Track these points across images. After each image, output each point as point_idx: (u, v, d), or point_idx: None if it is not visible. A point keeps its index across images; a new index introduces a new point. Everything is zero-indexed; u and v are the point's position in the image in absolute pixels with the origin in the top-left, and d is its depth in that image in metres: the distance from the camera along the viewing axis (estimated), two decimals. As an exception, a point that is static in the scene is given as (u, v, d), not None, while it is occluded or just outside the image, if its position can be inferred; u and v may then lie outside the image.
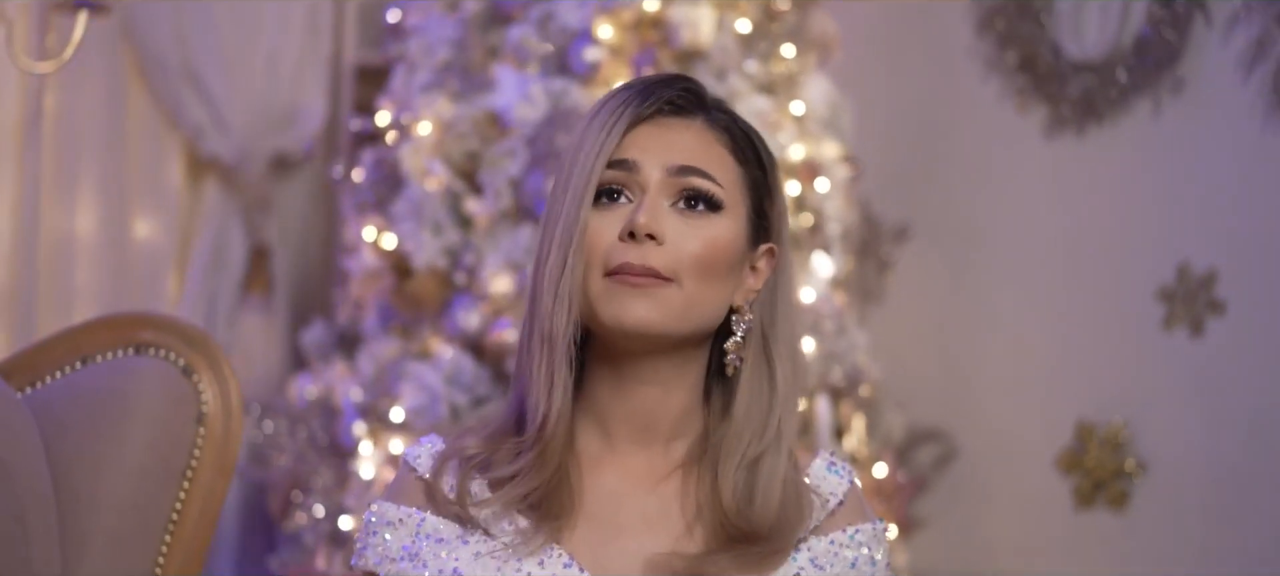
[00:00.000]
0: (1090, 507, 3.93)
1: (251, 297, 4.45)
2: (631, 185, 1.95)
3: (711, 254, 1.94)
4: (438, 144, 3.73)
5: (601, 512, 1.98)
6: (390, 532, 2.01)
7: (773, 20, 3.81)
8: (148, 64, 4.22)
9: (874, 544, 2.02)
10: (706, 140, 1.98)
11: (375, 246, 3.85)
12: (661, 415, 2.00)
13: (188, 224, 4.39)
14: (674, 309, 1.92)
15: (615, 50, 3.64)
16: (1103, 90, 3.94)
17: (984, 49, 4.13)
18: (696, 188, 1.95)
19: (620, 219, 1.93)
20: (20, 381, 2.67)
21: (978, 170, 4.16)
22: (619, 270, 1.91)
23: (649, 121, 1.97)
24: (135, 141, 4.25)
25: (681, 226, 1.93)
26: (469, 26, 3.81)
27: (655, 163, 1.95)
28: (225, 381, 2.69)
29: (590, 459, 2.00)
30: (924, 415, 4.14)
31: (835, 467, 2.05)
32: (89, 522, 2.56)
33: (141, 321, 2.72)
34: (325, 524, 3.78)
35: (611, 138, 1.94)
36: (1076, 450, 3.95)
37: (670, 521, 1.98)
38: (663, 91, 1.99)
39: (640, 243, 1.91)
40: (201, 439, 2.66)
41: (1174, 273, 3.84)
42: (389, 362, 3.73)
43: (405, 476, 2.05)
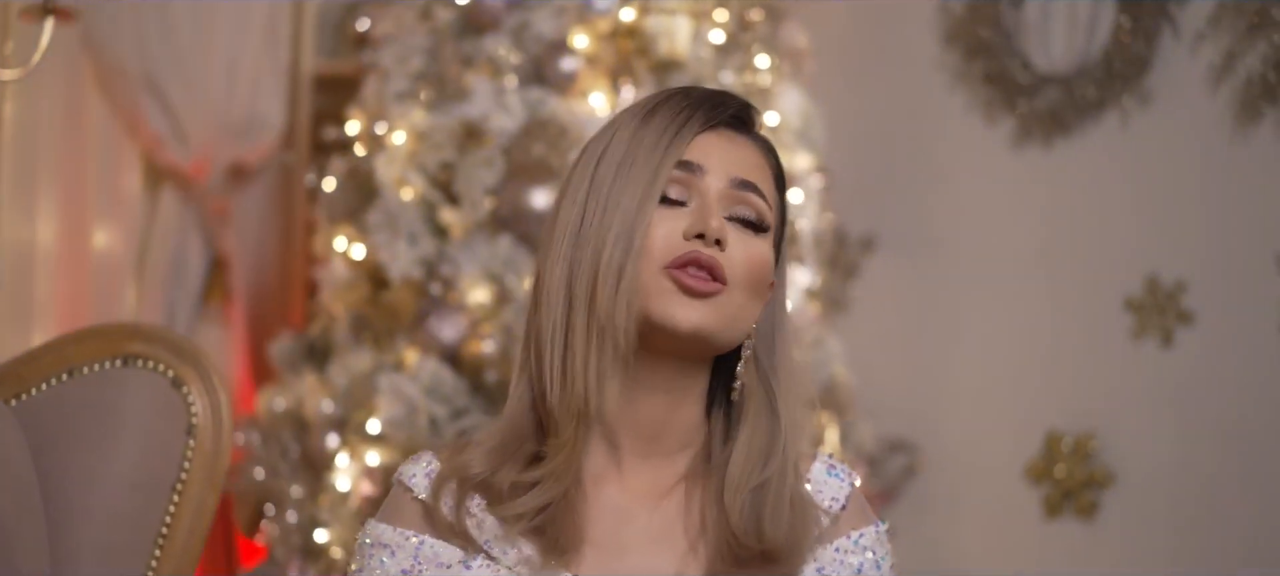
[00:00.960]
0: (1059, 517, 3.95)
1: (211, 308, 4.41)
2: (692, 189, 1.93)
3: (759, 271, 1.93)
4: (413, 154, 3.70)
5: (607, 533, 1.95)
6: (387, 555, 1.96)
7: (746, 30, 3.80)
8: (107, 73, 4.18)
9: (878, 547, 2.00)
10: (760, 161, 1.98)
11: (345, 257, 3.81)
12: (668, 426, 1.97)
13: (146, 234, 4.35)
14: (725, 316, 1.90)
15: (592, 60, 3.62)
16: (1070, 102, 3.97)
17: (951, 60, 4.15)
18: (753, 205, 1.94)
19: (678, 218, 1.91)
20: (6, 392, 2.63)
21: (944, 181, 4.17)
22: (686, 262, 1.88)
23: (713, 130, 1.96)
24: (94, 151, 4.21)
25: (736, 239, 1.92)
26: (442, 36, 3.78)
27: (721, 172, 1.93)
28: (215, 393, 2.66)
29: (594, 476, 1.97)
30: (891, 425, 4.15)
31: (835, 471, 2.02)
32: (79, 535, 2.53)
33: (130, 332, 2.68)
34: (297, 536, 3.74)
35: (682, 137, 1.93)
36: (1045, 460, 3.97)
37: (674, 540, 1.96)
38: (729, 103, 1.98)
39: (710, 245, 1.89)
40: (191, 451, 2.63)
41: (1142, 283, 3.86)
42: (362, 375, 3.70)
43: (400, 497, 2.00)
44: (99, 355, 2.65)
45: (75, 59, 4.11)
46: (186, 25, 4.26)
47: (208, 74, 4.32)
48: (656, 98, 1.99)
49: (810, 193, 3.88)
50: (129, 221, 4.29)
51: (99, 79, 4.19)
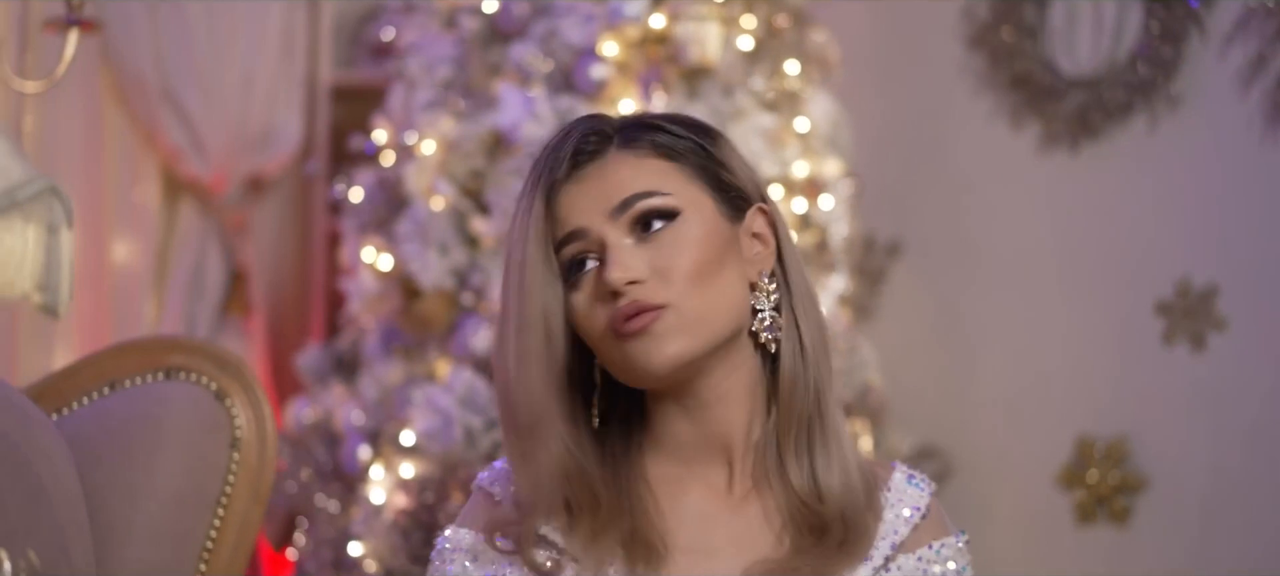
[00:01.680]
0: (1092, 523, 3.93)
1: (231, 320, 4.38)
2: (590, 246, 1.90)
3: (696, 256, 1.89)
4: (442, 163, 3.67)
5: (693, 539, 1.94)
6: (469, 560, 1.96)
7: (774, 37, 3.78)
8: (126, 85, 4.16)
9: (959, 558, 2.00)
10: (629, 163, 1.92)
11: (372, 268, 3.78)
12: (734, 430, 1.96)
13: (165, 246, 4.32)
14: (685, 330, 1.88)
15: (622, 67, 3.60)
16: (1097, 106, 3.94)
17: (976, 65, 4.13)
18: (646, 209, 1.89)
19: (594, 281, 1.89)
20: (47, 407, 2.60)
21: (971, 186, 4.15)
22: (612, 324, 1.87)
23: (569, 181, 1.91)
24: (112, 163, 4.19)
25: (653, 252, 1.88)
26: (469, 45, 3.75)
27: (596, 213, 1.89)
28: (259, 406, 2.63)
29: (669, 483, 1.96)
30: (920, 431, 4.12)
31: (914, 480, 2.01)
32: (124, 552, 2.50)
33: (171, 345, 2.65)
34: (328, 549, 3.71)
35: (536, 215, 1.90)
36: (1077, 466, 3.95)
37: (761, 537, 1.95)
38: (564, 147, 1.93)
39: (623, 293, 1.86)
40: (236, 465, 2.60)
41: (1173, 287, 3.84)
42: (394, 386, 3.67)
43: (480, 502, 2.00)
44: (140, 369, 2.63)
45: (94, 72, 4.09)
46: (204, 37, 4.24)
47: (225, 86, 4.30)
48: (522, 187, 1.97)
49: (840, 199, 3.85)
50: (148, 234, 4.26)
51: (117, 91, 4.17)
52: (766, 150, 3.65)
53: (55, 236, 1.59)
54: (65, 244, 1.64)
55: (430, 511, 3.45)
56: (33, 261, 1.60)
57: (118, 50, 4.11)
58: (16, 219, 1.56)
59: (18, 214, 1.55)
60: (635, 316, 1.86)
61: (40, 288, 1.60)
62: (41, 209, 1.58)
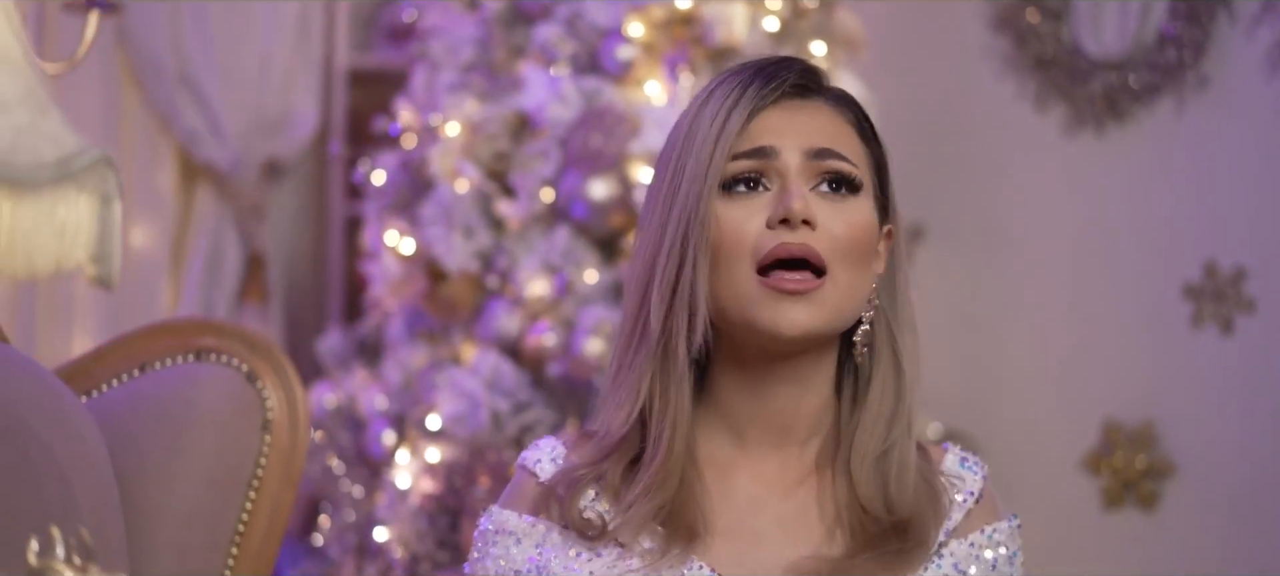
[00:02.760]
0: (1119, 508, 3.91)
1: (248, 305, 4.36)
2: (769, 172, 1.85)
3: (860, 237, 1.85)
4: (467, 145, 3.65)
5: (738, 522, 1.91)
6: (513, 543, 1.93)
7: (800, 17, 3.76)
8: (143, 69, 4.13)
9: (1011, 541, 1.95)
10: (836, 121, 1.89)
11: (395, 251, 3.76)
12: (799, 415, 1.92)
13: (182, 231, 4.30)
14: (830, 307, 1.83)
15: (648, 48, 3.57)
16: (1123, 88, 3.92)
17: (1001, 47, 4.10)
18: (838, 170, 1.85)
19: (762, 208, 1.84)
20: (77, 389, 2.57)
21: (996, 169, 4.13)
22: (775, 259, 1.81)
23: (775, 106, 1.87)
24: (130, 147, 4.17)
25: (828, 211, 1.84)
26: (492, 26, 3.73)
27: (793, 146, 1.85)
28: (291, 388, 2.61)
29: (719, 465, 1.93)
30: (947, 417, 4.10)
31: (967, 463, 1.98)
32: (156, 534, 2.48)
33: (202, 327, 2.63)
34: (353, 534, 3.69)
35: (732, 123, 1.84)
36: (1104, 450, 3.93)
37: (810, 527, 1.91)
38: (784, 74, 1.88)
39: (796, 228, 1.82)
40: (267, 447, 2.58)
41: (1201, 270, 3.82)
42: (419, 370, 3.65)
43: (525, 483, 1.97)
44: (171, 351, 2.61)
45: (111, 55, 4.07)
46: (220, 21, 4.22)
47: (242, 70, 4.28)
48: (709, 85, 1.91)
49: (867, 181, 3.82)
50: (165, 219, 4.24)
51: (134, 75, 4.14)
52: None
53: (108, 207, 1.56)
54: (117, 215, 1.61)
55: (458, 496, 3.43)
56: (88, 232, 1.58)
57: (135, 34, 4.09)
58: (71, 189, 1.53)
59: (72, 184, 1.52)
60: (798, 272, 1.82)
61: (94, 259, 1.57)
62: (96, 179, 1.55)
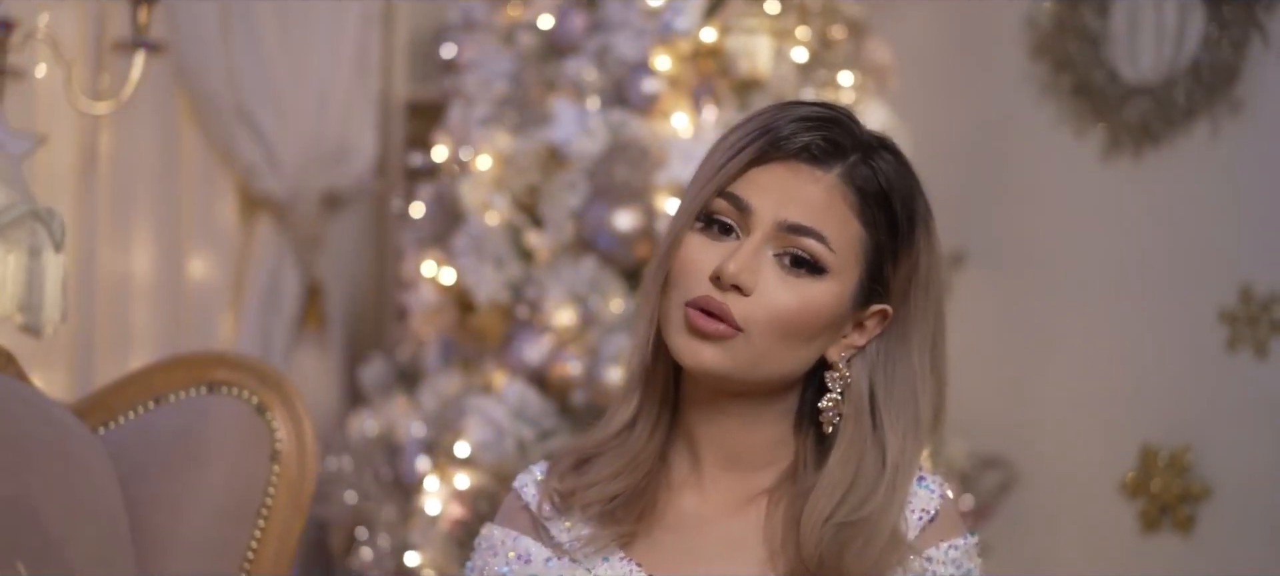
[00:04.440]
0: (1156, 532, 3.91)
1: (306, 334, 4.45)
2: (743, 225, 1.91)
3: (797, 318, 1.89)
4: (498, 178, 3.73)
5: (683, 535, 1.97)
6: (491, 555, 2.04)
7: (829, 48, 3.80)
8: (200, 105, 4.23)
9: (967, 559, 1.98)
10: (833, 197, 1.91)
11: (434, 281, 3.84)
12: (749, 445, 1.98)
13: (242, 262, 4.40)
14: (740, 359, 1.89)
15: (674, 81, 3.63)
16: (1159, 112, 3.92)
17: (1039, 73, 4.12)
18: (803, 249, 1.89)
19: (721, 253, 1.89)
20: (95, 421, 2.67)
21: (1035, 195, 4.14)
22: (695, 302, 1.88)
23: (781, 162, 1.91)
24: (189, 181, 4.26)
25: (776, 282, 1.89)
26: (525, 60, 3.81)
27: (770, 212, 1.90)
28: (299, 419, 2.69)
29: (678, 481, 2.00)
30: (986, 442, 4.11)
31: (924, 481, 2.00)
32: (166, 563, 2.56)
33: (215, 360, 2.72)
34: (390, 559, 3.77)
35: (731, 166, 1.91)
36: (1141, 475, 3.93)
37: (752, 550, 1.96)
38: (803, 136, 1.91)
39: (724, 290, 1.88)
40: (276, 477, 2.66)
41: (1237, 294, 3.81)
42: (451, 398, 3.73)
43: (511, 502, 2.08)
44: (185, 383, 2.70)
45: (169, 91, 4.16)
46: (277, 56, 4.30)
47: (300, 104, 4.36)
48: (751, 113, 1.98)
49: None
50: (225, 250, 4.34)
51: (192, 111, 4.24)
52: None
53: (37, 259, 1.65)
54: (51, 266, 1.70)
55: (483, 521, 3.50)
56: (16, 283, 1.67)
57: (192, 70, 4.18)
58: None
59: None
60: (714, 318, 1.88)
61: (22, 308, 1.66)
62: (23, 233, 1.63)
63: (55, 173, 3.83)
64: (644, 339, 1.96)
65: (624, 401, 1.99)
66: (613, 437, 2.00)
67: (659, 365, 1.97)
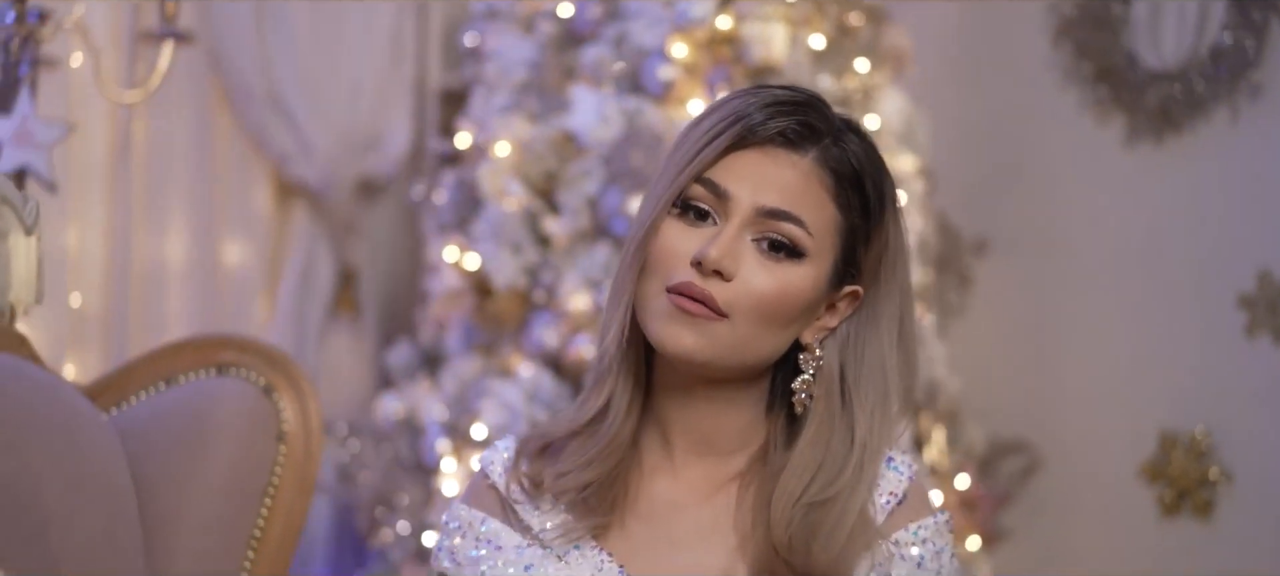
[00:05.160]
0: (1175, 517, 3.92)
1: (340, 319, 4.50)
2: (721, 211, 1.92)
3: (778, 302, 1.91)
4: (516, 164, 3.77)
5: (655, 523, 1.99)
6: (460, 537, 2.05)
7: (846, 35, 3.82)
8: (233, 93, 4.27)
9: (938, 538, 2.00)
10: (809, 181, 1.92)
11: (457, 267, 3.89)
12: (722, 430, 2.00)
13: (276, 248, 4.44)
14: (723, 345, 1.91)
15: (689, 68, 3.66)
16: (1180, 98, 3.93)
17: (1061, 60, 4.13)
18: (782, 233, 1.91)
19: (700, 239, 1.91)
20: (107, 402, 2.73)
21: (1057, 181, 4.15)
22: (678, 288, 1.89)
23: (756, 148, 1.93)
24: (223, 168, 4.31)
25: (756, 266, 1.91)
26: (545, 48, 3.85)
27: (748, 198, 1.91)
28: (305, 401, 2.74)
29: (650, 466, 2.01)
30: (1007, 427, 4.13)
31: (893, 464, 2.01)
32: (174, 541, 2.62)
33: (223, 343, 2.77)
34: (411, 540, 3.83)
35: (708, 152, 1.92)
36: (1160, 459, 3.93)
37: (724, 534, 1.98)
38: (777, 121, 1.93)
39: (706, 276, 1.89)
40: (282, 457, 2.71)
41: (1255, 280, 3.81)
42: (471, 381, 3.78)
43: (478, 481, 2.09)
44: (194, 365, 2.75)
45: (202, 80, 4.21)
46: (310, 45, 4.34)
47: (333, 92, 4.40)
48: (721, 100, 1.98)
49: (913, 195, 3.88)
50: (259, 236, 4.38)
51: (226, 99, 4.29)
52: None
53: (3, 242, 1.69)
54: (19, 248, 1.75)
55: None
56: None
57: (225, 59, 4.23)
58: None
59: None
60: (698, 301, 1.90)
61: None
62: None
63: (90, 160, 3.89)
64: (620, 326, 1.96)
65: (595, 389, 2.00)
66: (584, 425, 2.01)
67: (632, 352, 1.98)
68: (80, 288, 3.81)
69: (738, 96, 1.97)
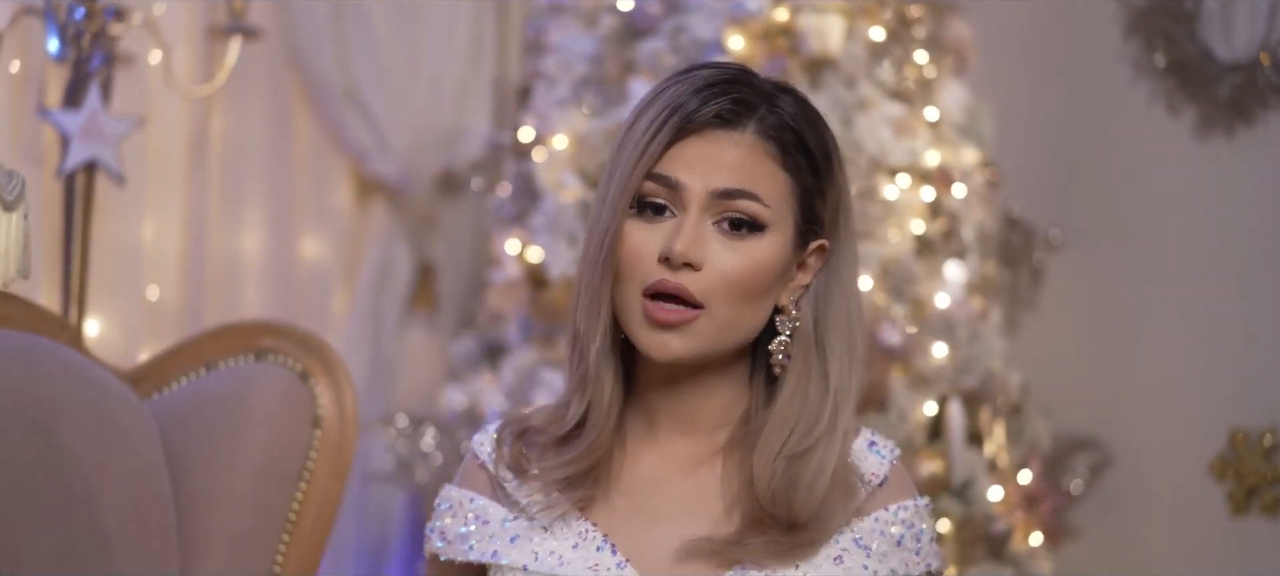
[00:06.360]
0: (1244, 515, 3.86)
1: (417, 314, 4.54)
2: (676, 202, 1.95)
3: (751, 277, 1.95)
4: (573, 157, 3.80)
5: (639, 496, 2.03)
6: (450, 516, 2.10)
7: (907, 27, 3.81)
8: (311, 89, 4.32)
9: (918, 520, 2.04)
10: (755, 154, 1.97)
11: (520, 259, 3.93)
12: (707, 409, 2.03)
13: (354, 243, 4.49)
14: (706, 337, 1.95)
15: (746, 61, 3.66)
16: (1252, 90, 3.87)
17: (1132, 51, 4.08)
18: (740, 210, 1.95)
19: (663, 234, 1.94)
20: (149, 387, 2.80)
21: (1128, 174, 4.10)
22: (654, 289, 1.93)
23: (698, 134, 1.96)
24: (301, 163, 4.36)
25: (722, 249, 1.94)
26: (606, 42, 3.87)
27: (700, 183, 1.94)
28: (341, 386, 2.79)
29: (634, 443, 2.05)
30: (1079, 423, 4.09)
31: (876, 447, 2.06)
32: (209, 523, 2.68)
33: (262, 329, 2.83)
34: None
35: (652, 149, 1.95)
36: (1230, 456, 3.88)
37: (708, 505, 2.02)
38: (712, 104, 1.96)
39: (677, 269, 1.93)
40: (317, 442, 2.76)
41: (1327, 275, 3.76)
42: (528, 371, 3.81)
43: (469, 462, 2.13)
44: (233, 351, 2.81)
45: (280, 76, 4.26)
46: (388, 41, 4.38)
47: (411, 88, 4.44)
48: (654, 91, 2.01)
49: (974, 188, 3.86)
50: (337, 231, 4.43)
51: (304, 95, 4.34)
52: (894, 139, 3.69)
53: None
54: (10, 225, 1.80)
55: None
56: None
57: (302, 55, 4.28)
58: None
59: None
60: (672, 305, 1.94)
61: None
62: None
63: (167, 155, 3.95)
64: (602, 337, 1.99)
65: (578, 396, 2.03)
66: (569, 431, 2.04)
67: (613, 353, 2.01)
68: (157, 280, 3.87)
69: (669, 85, 2.00)
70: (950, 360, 3.69)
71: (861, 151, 3.66)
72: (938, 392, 3.70)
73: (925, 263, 3.74)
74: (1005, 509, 3.74)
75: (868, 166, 3.68)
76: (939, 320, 3.69)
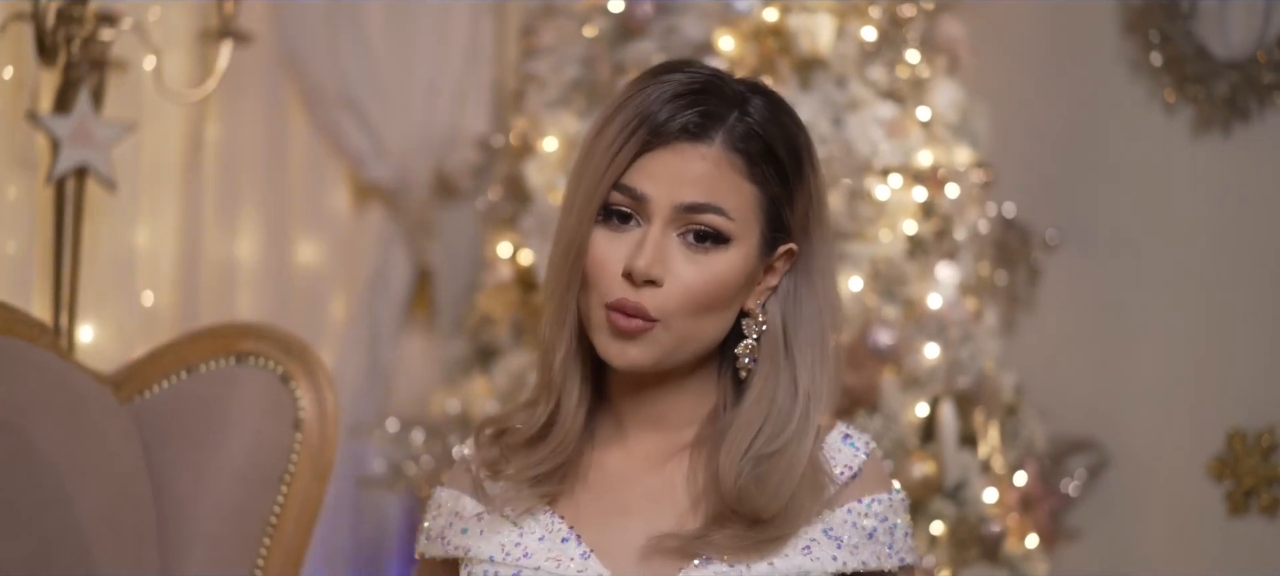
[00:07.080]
0: (1242, 516, 3.83)
1: (415, 319, 4.53)
2: (640, 213, 1.97)
3: (712, 290, 1.97)
4: (563, 160, 3.79)
5: (607, 491, 2.05)
6: (434, 515, 2.16)
7: (899, 27, 3.79)
8: (307, 94, 4.31)
9: (892, 513, 2.05)
10: (721, 168, 1.98)
11: (512, 262, 3.92)
12: (672, 409, 2.06)
13: (351, 248, 4.49)
14: (663, 347, 1.97)
15: (737, 61, 3.65)
16: (1248, 88, 3.85)
17: (1129, 50, 4.06)
18: (705, 223, 1.97)
19: (627, 245, 1.96)
20: (130, 390, 2.79)
21: (1125, 173, 4.08)
22: (615, 306, 1.95)
23: (665, 147, 1.97)
24: (298, 168, 4.35)
25: (684, 262, 1.96)
26: (597, 44, 3.86)
27: (665, 196, 1.96)
28: (321, 389, 2.79)
29: (603, 441, 2.08)
30: (1077, 423, 4.06)
31: (850, 440, 2.08)
32: (190, 526, 2.67)
33: (243, 332, 2.83)
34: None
35: (619, 160, 1.96)
36: (1228, 457, 3.85)
37: (675, 500, 2.04)
38: (680, 116, 1.97)
39: (638, 286, 1.94)
40: (298, 445, 2.76)
41: (1325, 274, 3.73)
42: (519, 374, 3.81)
43: (458, 465, 2.18)
44: (214, 354, 2.81)
45: (276, 80, 4.25)
46: (384, 45, 4.37)
47: (408, 91, 4.42)
48: (624, 95, 2.02)
49: (967, 188, 3.84)
50: (333, 236, 4.42)
51: (300, 99, 4.33)
52: (886, 139, 3.67)
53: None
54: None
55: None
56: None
57: (298, 60, 4.27)
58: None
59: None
60: (630, 317, 1.95)
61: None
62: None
63: (161, 160, 3.94)
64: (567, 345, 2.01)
65: (546, 397, 2.06)
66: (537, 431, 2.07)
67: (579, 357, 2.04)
68: (152, 286, 3.87)
69: (639, 90, 2.01)
70: (943, 361, 3.67)
71: (852, 152, 3.64)
72: (930, 394, 3.68)
73: (917, 263, 3.72)
74: (1000, 510, 3.72)
75: (859, 167, 3.66)
76: (931, 321, 3.67)
